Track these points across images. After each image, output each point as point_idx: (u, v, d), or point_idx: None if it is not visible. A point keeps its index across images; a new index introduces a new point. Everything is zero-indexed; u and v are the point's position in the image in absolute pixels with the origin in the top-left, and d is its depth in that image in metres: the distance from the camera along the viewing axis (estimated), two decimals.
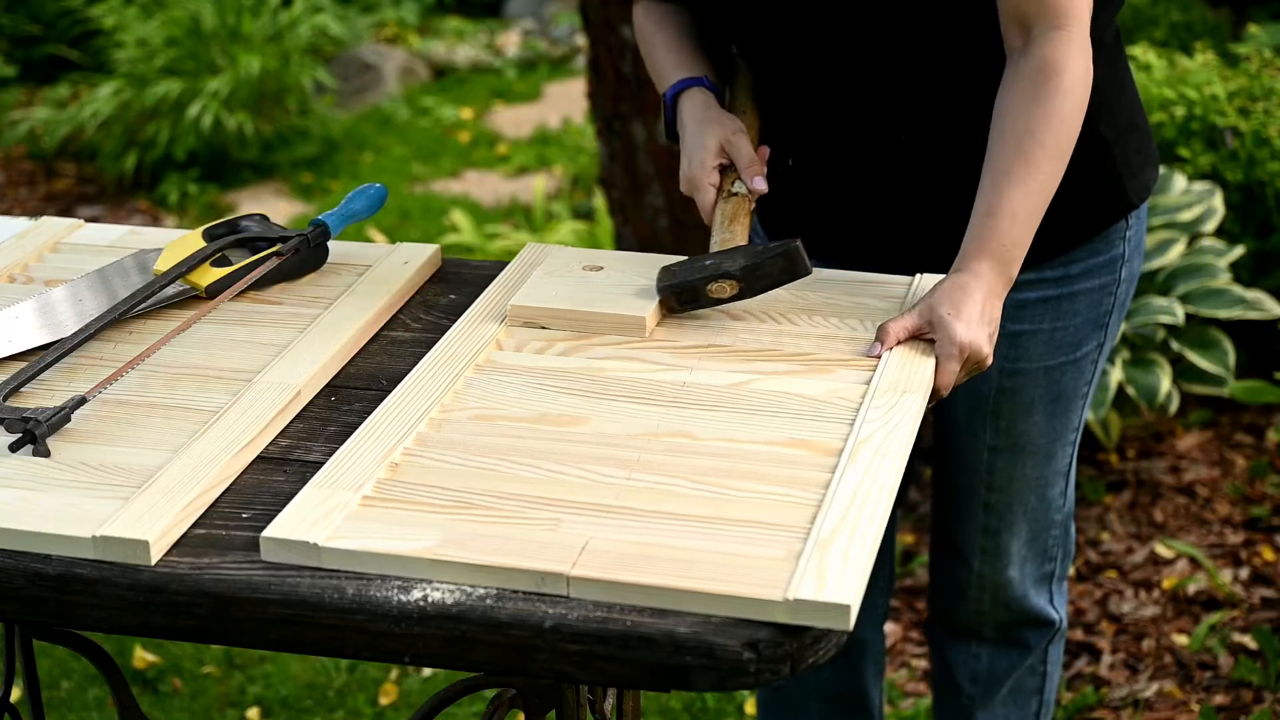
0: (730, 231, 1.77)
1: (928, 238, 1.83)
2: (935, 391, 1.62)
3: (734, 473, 1.44)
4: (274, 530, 1.35)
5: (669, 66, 1.92)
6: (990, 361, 1.66)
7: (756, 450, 1.47)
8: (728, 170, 1.80)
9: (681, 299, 1.70)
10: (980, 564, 2.12)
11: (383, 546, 1.33)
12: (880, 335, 1.63)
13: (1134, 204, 1.91)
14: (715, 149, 1.80)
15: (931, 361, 1.62)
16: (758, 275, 1.69)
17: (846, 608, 1.25)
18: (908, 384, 1.58)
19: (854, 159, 1.88)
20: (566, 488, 1.41)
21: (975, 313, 1.64)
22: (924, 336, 1.64)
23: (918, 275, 1.79)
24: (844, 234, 1.92)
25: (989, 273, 1.67)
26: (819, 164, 1.91)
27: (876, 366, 1.62)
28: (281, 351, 1.67)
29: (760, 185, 1.78)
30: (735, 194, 1.80)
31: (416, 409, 1.54)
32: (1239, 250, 3.47)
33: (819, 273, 1.77)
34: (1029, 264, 1.83)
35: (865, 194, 1.89)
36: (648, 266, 1.77)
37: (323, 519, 1.36)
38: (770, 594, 1.26)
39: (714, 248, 1.75)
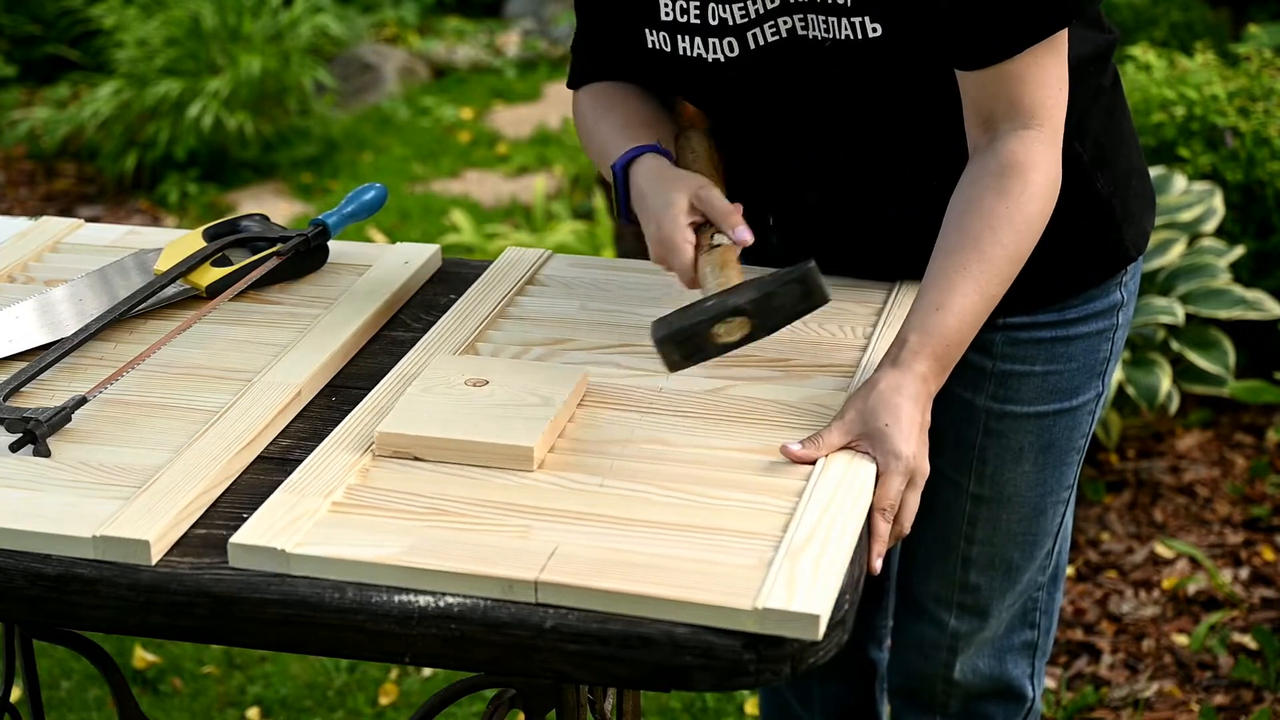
0: (725, 277, 1.54)
1: (913, 258, 1.78)
2: (892, 521, 1.47)
3: (708, 480, 1.43)
4: (242, 536, 1.34)
5: (615, 143, 1.72)
6: (927, 472, 1.52)
7: (731, 458, 1.47)
8: (703, 228, 1.61)
9: (684, 350, 1.49)
10: (956, 621, 1.98)
11: (351, 553, 1.32)
12: (807, 443, 1.48)
13: (1132, 256, 1.83)
14: (685, 206, 1.61)
15: (871, 467, 1.48)
16: (771, 308, 1.49)
17: (815, 618, 1.24)
18: None
19: (841, 210, 1.79)
20: (537, 494, 1.41)
21: (915, 421, 1.50)
22: (859, 450, 1.49)
23: (898, 283, 1.78)
24: (825, 256, 1.73)
25: (929, 375, 1.54)
26: (802, 219, 1.81)
27: (854, 374, 1.60)
28: (281, 351, 1.67)
29: (746, 235, 1.58)
30: (717, 245, 1.58)
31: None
32: (1239, 250, 3.47)
33: None
34: (1023, 309, 1.78)
35: (851, 235, 1.81)
36: (538, 376, 1.56)
37: (291, 525, 1.36)
38: (739, 602, 1.26)
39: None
